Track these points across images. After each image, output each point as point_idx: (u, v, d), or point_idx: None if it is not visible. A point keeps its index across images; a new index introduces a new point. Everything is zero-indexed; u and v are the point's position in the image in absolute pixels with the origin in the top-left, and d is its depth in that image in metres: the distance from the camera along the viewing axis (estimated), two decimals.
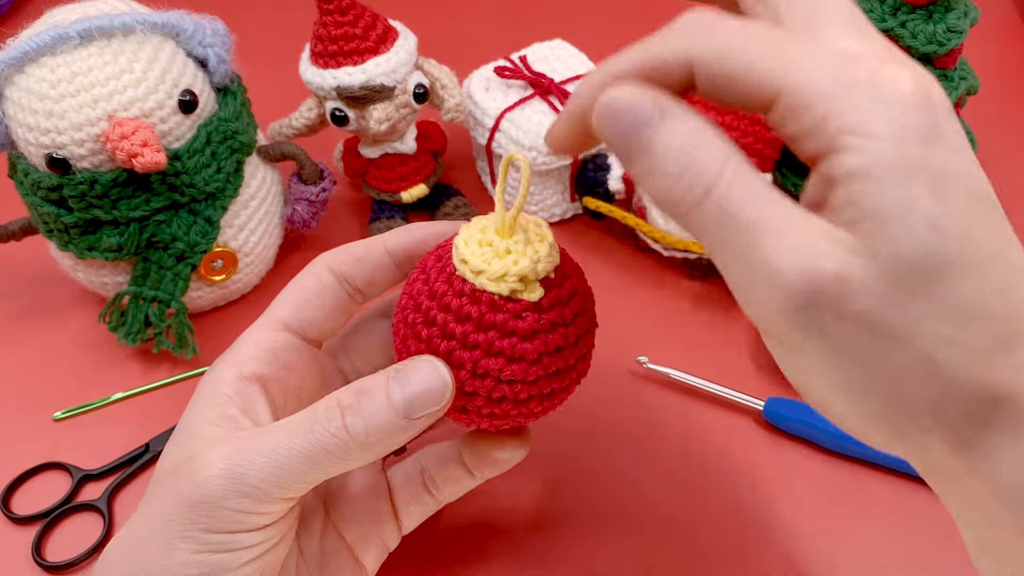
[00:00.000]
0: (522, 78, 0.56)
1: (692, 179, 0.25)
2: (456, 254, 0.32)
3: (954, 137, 0.25)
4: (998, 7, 0.75)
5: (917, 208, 0.24)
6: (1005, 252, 0.25)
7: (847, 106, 0.24)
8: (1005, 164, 0.60)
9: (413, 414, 0.31)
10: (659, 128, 0.26)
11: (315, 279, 0.36)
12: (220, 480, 0.30)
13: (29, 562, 0.43)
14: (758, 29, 0.26)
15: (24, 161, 0.46)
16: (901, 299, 0.24)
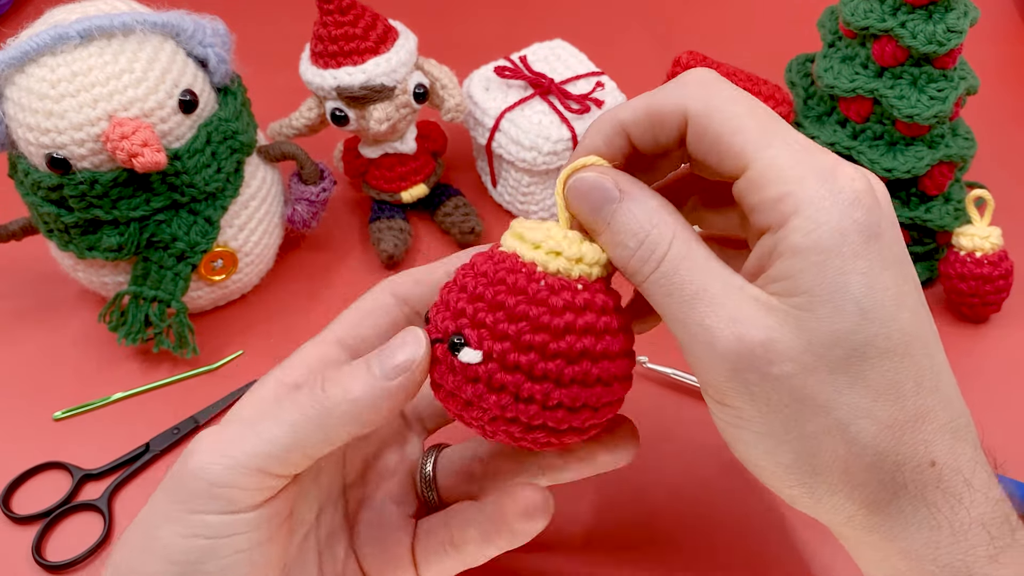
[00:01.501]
0: (522, 78, 0.56)
1: (644, 254, 0.30)
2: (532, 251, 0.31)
3: (893, 235, 0.29)
4: (998, 7, 0.75)
5: (849, 294, 0.27)
6: (924, 340, 0.29)
7: (805, 192, 0.28)
8: (1005, 164, 0.60)
9: (390, 376, 0.30)
10: (618, 208, 0.30)
11: (372, 299, 0.36)
12: (203, 455, 0.30)
13: (29, 562, 0.43)
14: (749, 101, 0.30)
15: (24, 161, 0.46)
16: (822, 370, 0.27)
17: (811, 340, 0.27)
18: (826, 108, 0.52)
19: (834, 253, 0.27)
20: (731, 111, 0.30)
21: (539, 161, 0.54)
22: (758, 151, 0.29)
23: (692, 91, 0.30)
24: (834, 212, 0.28)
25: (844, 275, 0.27)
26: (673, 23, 0.75)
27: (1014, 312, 0.52)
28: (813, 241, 0.27)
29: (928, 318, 0.30)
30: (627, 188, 0.31)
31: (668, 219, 0.30)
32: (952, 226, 0.51)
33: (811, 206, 0.28)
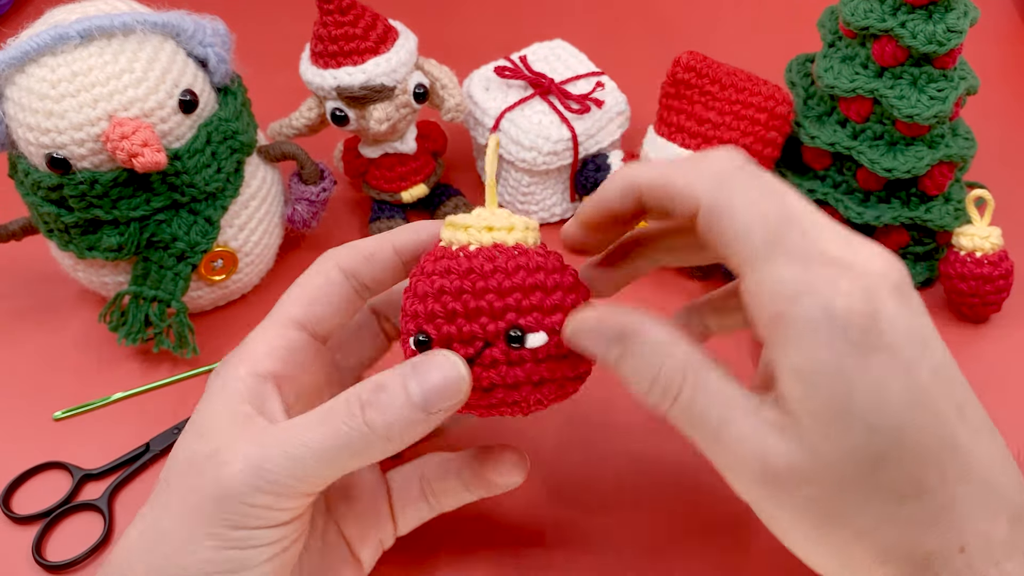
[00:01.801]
0: (522, 78, 0.56)
1: (659, 392, 0.31)
2: (454, 231, 0.33)
3: (902, 334, 0.28)
4: (998, 7, 0.75)
5: (854, 412, 0.28)
6: (944, 434, 0.29)
7: (798, 314, 0.28)
8: (1005, 164, 0.60)
9: (431, 408, 0.32)
10: (625, 350, 0.31)
11: (324, 277, 0.36)
12: (243, 476, 0.31)
13: (29, 562, 0.43)
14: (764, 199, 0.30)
15: (24, 161, 0.46)
16: (843, 487, 0.28)
17: (828, 461, 0.28)
18: (826, 108, 0.52)
19: (831, 375, 0.28)
20: (739, 214, 0.29)
21: (539, 161, 0.54)
22: (757, 263, 0.29)
23: (706, 182, 0.30)
24: (828, 335, 0.28)
25: (845, 395, 0.28)
26: (673, 23, 0.75)
27: (1014, 312, 0.52)
28: (808, 365, 0.28)
29: (951, 405, 0.29)
30: (632, 327, 0.31)
31: (677, 352, 0.31)
32: (952, 226, 0.51)
33: (805, 328, 0.28)
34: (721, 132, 0.49)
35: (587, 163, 0.55)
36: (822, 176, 0.53)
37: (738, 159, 0.31)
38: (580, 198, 0.57)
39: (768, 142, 0.50)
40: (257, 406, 0.33)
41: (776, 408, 0.29)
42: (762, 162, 0.50)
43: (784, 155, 0.54)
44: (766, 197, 0.30)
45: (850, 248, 0.30)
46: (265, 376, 0.34)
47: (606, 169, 0.55)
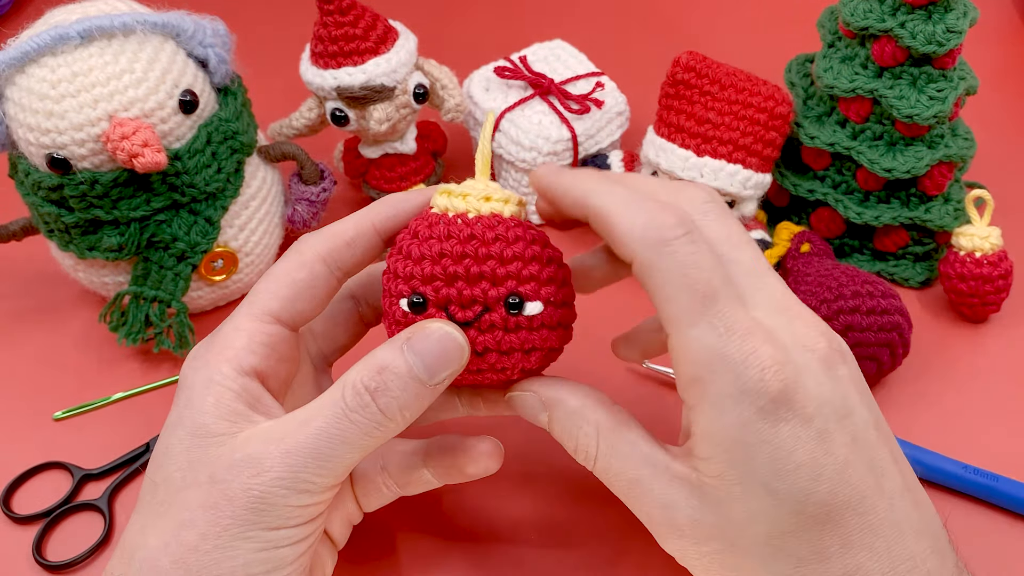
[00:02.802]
0: (522, 78, 0.56)
1: (581, 455, 0.34)
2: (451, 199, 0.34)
3: (811, 405, 0.29)
4: (998, 7, 0.75)
5: (757, 478, 0.29)
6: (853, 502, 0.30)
7: (713, 383, 0.30)
8: (1005, 164, 0.60)
9: (436, 379, 0.32)
10: (550, 419, 0.35)
11: (308, 271, 0.35)
12: (278, 481, 0.31)
13: (30, 561, 0.43)
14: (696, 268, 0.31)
15: (25, 161, 0.46)
16: (745, 545, 0.30)
17: (730, 519, 0.30)
18: (826, 108, 0.52)
19: (738, 442, 0.29)
20: (669, 279, 0.30)
21: (539, 161, 0.54)
22: (680, 328, 0.30)
23: (645, 240, 0.31)
24: (738, 404, 0.29)
25: (749, 461, 0.29)
26: (673, 23, 0.75)
27: (1014, 312, 0.52)
28: (717, 431, 0.30)
29: (866, 472, 0.30)
30: (553, 398, 0.34)
31: (590, 418, 0.33)
32: (952, 226, 0.51)
33: (717, 396, 0.30)
34: (721, 132, 0.49)
35: (587, 163, 0.55)
36: (822, 176, 0.53)
37: (688, 216, 0.31)
38: None
39: (768, 142, 0.50)
40: (249, 403, 0.33)
41: (687, 464, 0.32)
42: (762, 162, 0.50)
43: (784, 155, 0.54)
44: (698, 263, 0.30)
45: (784, 317, 0.31)
46: (250, 373, 0.34)
47: (606, 169, 0.55)
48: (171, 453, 0.33)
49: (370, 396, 0.32)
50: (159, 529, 0.32)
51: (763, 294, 0.32)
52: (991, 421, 0.47)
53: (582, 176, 0.34)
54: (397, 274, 0.34)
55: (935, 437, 0.45)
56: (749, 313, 0.31)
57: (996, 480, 0.43)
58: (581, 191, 0.33)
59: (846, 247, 0.55)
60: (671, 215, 0.31)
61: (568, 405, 0.34)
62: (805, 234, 0.52)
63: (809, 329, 0.31)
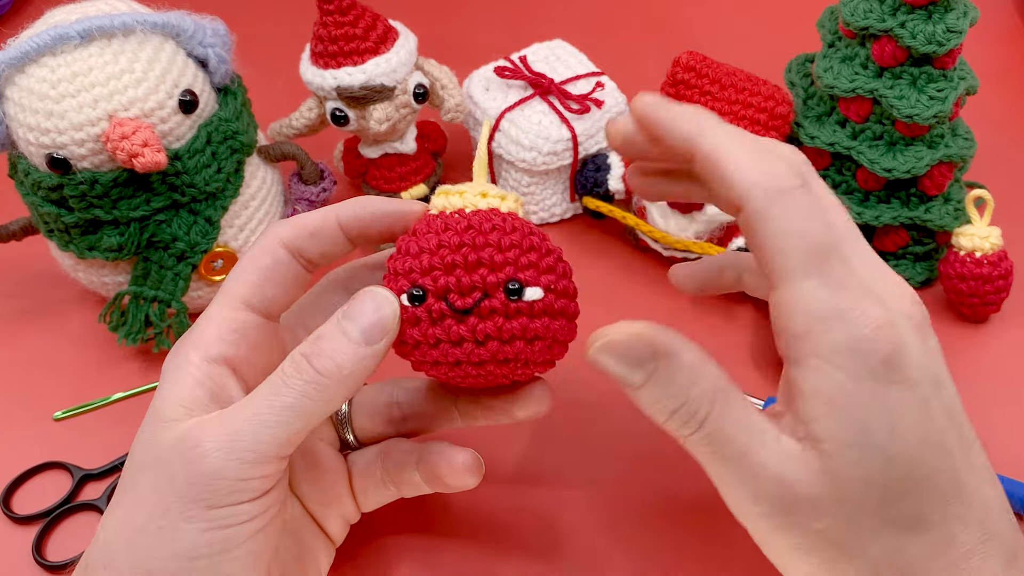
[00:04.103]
0: (522, 78, 0.56)
1: (684, 416, 0.30)
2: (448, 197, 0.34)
3: (921, 370, 0.29)
4: (998, 7, 0.75)
5: (872, 439, 0.28)
6: (950, 471, 0.29)
7: (824, 336, 0.29)
8: (1005, 164, 0.60)
9: (373, 340, 0.32)
10: (654, 372, 0.31)
11: (271, 256, 0.35)
12: (216, 453, 0.30)
13: (29, 562, 0.43)
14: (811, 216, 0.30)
15: (25, 161, 0.46)
16: (856, 519, 0.29)
17: (844, 491, 0.29)
18: (826, 108, 0.52)
19: (852, 400, 0.28)
20: (784, 228, 0.29)
21: (539, 161, 0.54)
22: (793, 278, 0.29)
23: (759, 188, 0.30)
24: (852, 362, 0.28)
25: (864, 421, 0.28)
26: (673, 23, 0.75)
27: (1014, 312, 0.52)
28: (830, 389, 0.29)
29: (960, 445, 0.30)
30: (663, 347, 0.31)
31: (707, 377, 0.31)
32: (952, 226, 0.51)
33: (830, 352, 0.29)
34: None
35: (587, 163, 0.55)
36: (822, 176, 0.53)
37: (799, 168, 0.31)
38: (580, 198, 0.57)
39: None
40: (211, 390, 0.33)
41: (794, 436, 0.30)
42: None
43: None
44: (813, 216, 0.30)
45: (883, 282, 0.31)
46: (217, 360, 0.33)
47: (606, 169, 0.55)
48: (137, 441, 0.33)
49: (306, 361, 0.31)
50: (115, 514, 0.32)
51: (860, 258, 0.31)
52: (991, 421, 0.47)
53: (692, 112, 0.32)
54: (397, 272, 0.34)
55: None
56: (855, 273, 0.30)
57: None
58: (693, 127, 0.32)
59: None
60: (788, 165, 0.30)
61: (684, 357, 0.31)
62: None
63: (905, 295, 0.31)
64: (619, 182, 0.55)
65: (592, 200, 0.55)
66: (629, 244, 0.56)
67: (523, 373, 0.34)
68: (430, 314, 0.32)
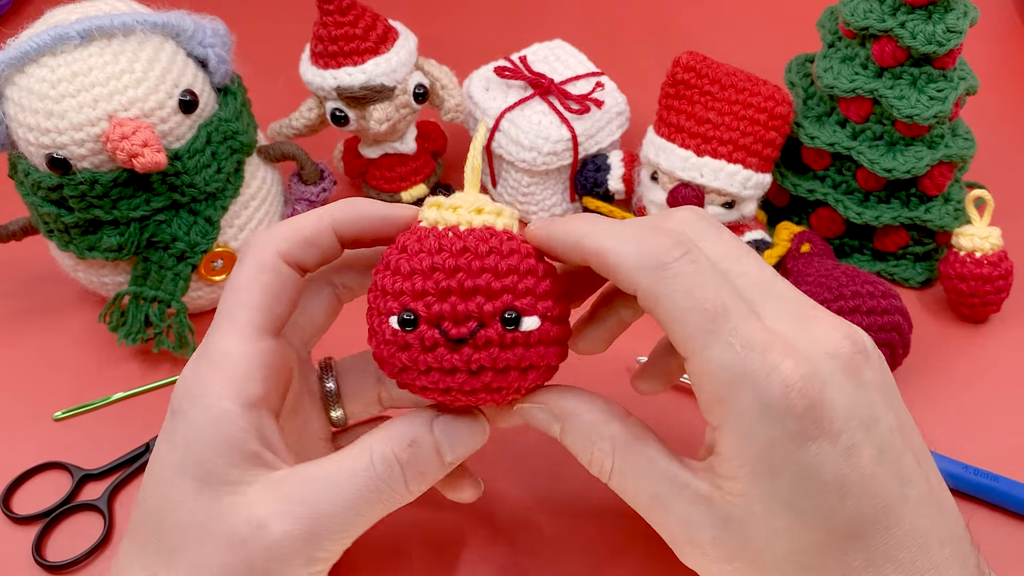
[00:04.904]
0: (522, 78, 0.56)
1: (596, 469, 0.33)
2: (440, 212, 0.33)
3: (838, 420, 0.29)
4: (998, 7, 0.75)
5: (780, 498, 0.29)
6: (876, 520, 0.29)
7: (735, 402, 0.29)
8: (1005, 164, 0.60)
9: (457, 459, 0.33)
10: (563, 431, 0.34)
11: (273, 272, 0.33)
12: (304, 550, 0.31)
13: (29, 562, 0.43)
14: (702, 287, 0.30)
15: (24, 161, 0.46)
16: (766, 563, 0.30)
17: (753, 537, 0.30)
18: (826, 108, 0.52)
19: (764, 464, 0.29)
20: (676, 303, 0.29)
21: (539, 161, 0.54)
22: (695, 351, 0.29)
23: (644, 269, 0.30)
24: (762, 424, 0.29)
25: (774, 480, 0.29)
26: (673, 23, 0.75)
27: (1014, 312, 0.52)
28: (743, 452, 0.29)
29: (893, 483, 0.30)
30: (568, 410, 0.33)
31: (605, 433, 0.33)
32: (952, 226, 0.51)
33: (740, 417, 0.29)
34: (721, 132, 0.49)
35: (587, 163, 0.55)
36: (822, 176, 0.53)
37: (684, 237, 0.31)
38: (580, 198, 0.57)
39: (768, 142, 0.50)
40: (260, 440, 0.32)
41: (709, 481, 0.31)
42: (761, 162, 0.50)
43: (784, 155, 0.54)
44: (702, 282, 0.29)
45: (802, 325, 0.30)
46: (257, 404, 0.32)
47: (606, 169, 0.55)
48: (177, 499, 0.31)
49: (400, 468, 0.32)
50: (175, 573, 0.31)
51: (775, 303, 0.31)
52: (991, 421, 0.47)
53: (573, 222, 0.33)
54: (385, 290, 0.32)
55: (935, 437, 0.45)
56: (764, 325, 0.30)
57: (996, 480, 0.43)
58: (574, 237, 0.32)
59: (846, 247, 0.55)
60: (666, 237, 0.30)
61: (582, 419, 0.33)
62: (805, 234, 0.52)
63: (830, 332, 0.30)
64: (619, 182, 0.55)
65: (592, 200, 0.55)
66: None
67: (511, 399, 0.34)
68: (422, 341, 0.31)
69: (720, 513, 0.30)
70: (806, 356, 0.29)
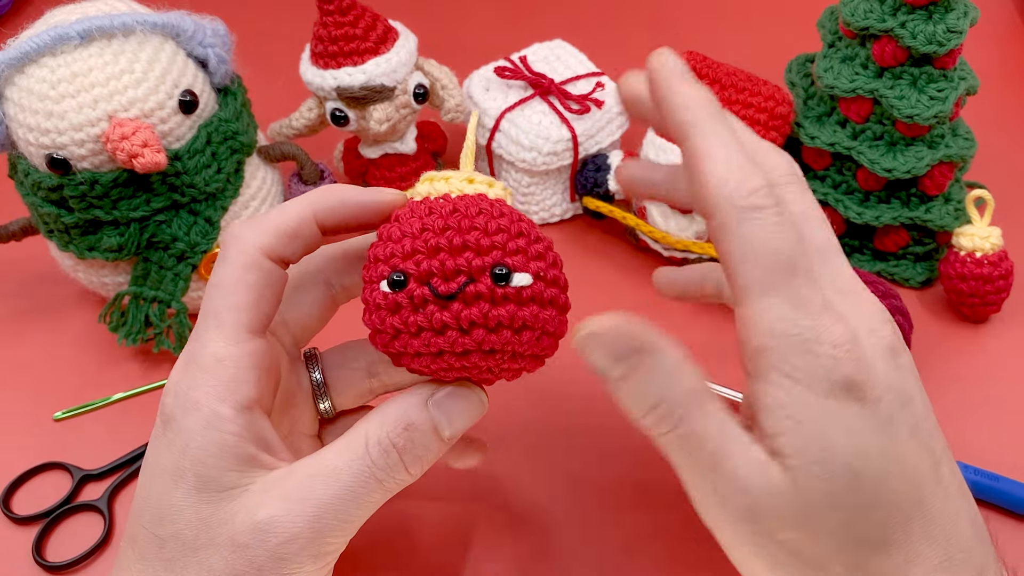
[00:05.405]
0: (522, 78, 0.56)
1: (660, 415, 0.30)
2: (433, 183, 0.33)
3: (879, 389, 0.29)
4: (998, 7, 0.75)
5: (837, 456, 0.28)
6: (916, 493, 0.29)
7: (785, 351, 0.28)
8: (1005, 164, 0.60)
9: (455, 434, 0.33)
10: (634, 368, 0.30)
11: (257, 270, 0.32)
12: (308, 547, 0.30)
13: (29, 562, 0.43)
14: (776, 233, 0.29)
15: (24, 161, 0.46)
16: (820, 533, 0.29)
17: (808, 507, 0.29)
18: (826, 108, 0.52)
19: (814, 416, 0.28)
20: (750, 242, 0.29)
21: (539, 161, 0.54)
22: (756, 293, 0.29)
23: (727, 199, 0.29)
24: (812, 376, 0.28)
25: (828, 438, 0.28)
26: (673, 23, 0.75)
27: (1014, 312, 0.52)
28: (791, 401, 0.28)
29: (926, 463, 0.30)
30: (647, 343, 0.31)
31: (686, 377, 0.31)
32: (952, 226, 0.51)
33: (789, 366, 0.28)
34: None
35: (587, 163, 0.55)
36: (822, 176, 0.53)
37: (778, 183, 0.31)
38: (580, 198, 0.57)
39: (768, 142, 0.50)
40: (255, 442, 0.31)
41: (763, 447, 0.30)
42: None
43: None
44: (780, 234, 0.29)
45: (851, 300, 0.31)
46: (251, 406, 0.31)
47: (606, 169, 0.55)
48: (177, 508, 0.31)
49: (397, 454, 0.31)
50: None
51: (832, 275, 0.31)
52: (991, 421, 0.47)
53: (696, 100, 0.31)
54: (377, 258, 0.32)
55: None
56: (822, 291, 0.30)
57: (996, 480, 0.43)
58: (688, 118, 0.31)
59: (846, 247, 0.55)
60: (763, 182, 0.30)
61: (666, 355, 0.30)
62: None
63: (875, 313, 0.31)
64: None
65: (592, 200, 0.55)
66: (629, 244, 0.56)
67: (510, 368, 0.33)
68: (411, 300, 0.30)
69: (780, 480, 0.29)
70: (853, 327, 0.29)
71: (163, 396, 0.32)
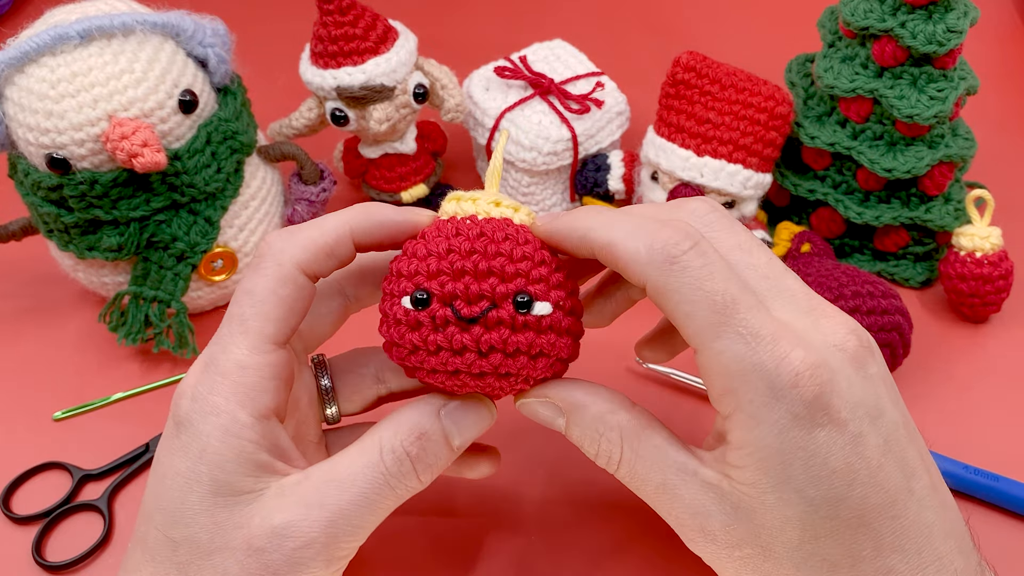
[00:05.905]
0: (522, 78, 0.56)
1: (603, 460, 0.33)
2: (460, 203, 0.34)
3: (845, 409, 0.29)
4: (998, 7, 0.75)
5: (792, 485, 0.29)
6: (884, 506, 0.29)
7: (745, 392, 0.29)
8: (1005, 164, 0.60)
9: (464, 444, 0.34)
10: (569, 423, 0.33)
11: (292, 285, 0.33)
12: (323, 551, 0.31)
13: (29, 562, 0.43)
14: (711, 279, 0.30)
15: (24, 161, 0.46)
16: (778, 551, 0.30)
17: (763, 525, 0.30)
18: (826, 108, 0.52)
19: (774, 451, 0.29)
20: (685, 297, 0.30)
21: (539, 161, 0.54)
22: (705, 342, 0.30)
23: (653, 262, 0.30)
24: (772, 412, 0.29)
25: (786, 468, 0.29)
26: (673, 23, 0.75)
27: (1014, 312, 0.52)
28: (754, 440, 0.29)
29: (898, 475, 0.30)
30: (569, 405, 0.33)
31: (613, 423, 0.32)
32: (952, 226, 0.51)
33: (751, 406, 0.29)
34: (721, 132, 0.49)
35: (587, 163, 0.55)
36: (822, 176, 0.53)
37: (690, 229, 0.31)
38: (580, 198, 0.57)
39: (768, 142, 0.50)
40: (270, 450, 0.32)
41: (720, 468, 0.31)
42: (762, 162, 0.50)
43: (784, 155, 0.54)
44: (710, 275, 0.30)
45: (810, 319, 0.31)
46: (268, 415, 0.32)
47: (606, 169, 0.55)
48: (192, 511, 0.31)
49: (411, 462, 0.32)
50: None
51: (785, 295, 0.31)
52: (991, 421, 0.47)
53: (579, 215, 0.33)
54: (400, 273, 0.33)
55: (935, 437, 0.45)
56: (773, 316, 0.30)
57: (996, 480, 0.43)
58: (581, 230, 0.32)
59: (846, 247, 0.55)
60: (674, 231, 0.30)
61: (589, 410, 0.33)
62: (805, 234, 0.52)
63: (837, 326, 0.31)
64: (619, 182, 0.55)
65: (592, 200, 0.55)
66: None
67: (519, 389, 0.34)
68: (433, 320, 0.31)
69: (730, 502, 0.30)
70: (815, 347, 0.29)
71: (177, 398, 0.33)
